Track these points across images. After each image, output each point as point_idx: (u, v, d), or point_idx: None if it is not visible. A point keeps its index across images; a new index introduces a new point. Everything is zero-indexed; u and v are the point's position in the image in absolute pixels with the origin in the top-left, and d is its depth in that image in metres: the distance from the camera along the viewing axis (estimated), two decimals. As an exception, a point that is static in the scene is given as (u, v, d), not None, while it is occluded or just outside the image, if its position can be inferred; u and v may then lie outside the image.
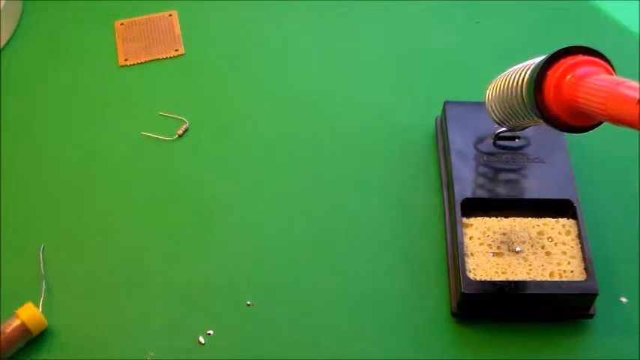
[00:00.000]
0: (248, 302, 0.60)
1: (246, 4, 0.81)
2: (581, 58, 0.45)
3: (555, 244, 0.59)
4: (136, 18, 0.80)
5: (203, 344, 0.58)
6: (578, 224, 0.60)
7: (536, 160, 0.63)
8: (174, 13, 0.80)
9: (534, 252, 0.59)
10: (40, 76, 0.74)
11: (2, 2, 0.75)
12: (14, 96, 0.73)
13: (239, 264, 0.62)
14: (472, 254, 0.58)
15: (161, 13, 0.80)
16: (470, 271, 0.57)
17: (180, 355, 0.57)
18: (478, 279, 0.57)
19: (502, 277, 0.57)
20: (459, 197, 0.61)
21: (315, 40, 0.78)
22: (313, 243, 0.63)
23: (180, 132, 0.70)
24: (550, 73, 0.46)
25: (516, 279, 0.57)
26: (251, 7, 0.80)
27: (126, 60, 0.76)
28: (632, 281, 0.61)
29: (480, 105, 0.62)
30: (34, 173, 0.68)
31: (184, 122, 0.70)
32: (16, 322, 0.56)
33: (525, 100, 0.49)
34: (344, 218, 0.65)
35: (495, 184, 0.62)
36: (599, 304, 0.58)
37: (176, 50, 0.77)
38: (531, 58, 0.50)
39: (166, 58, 0.76)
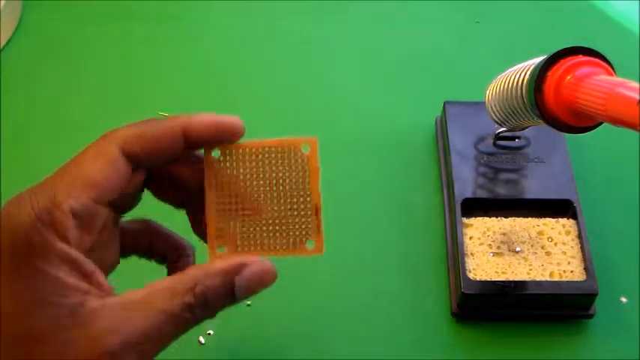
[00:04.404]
0: (248, 302, 0.60)
1: (246, 5, 0.81)
2: (581, 58, 0.45)
3: (555, 244, 0.59)
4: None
5: (203, 344, 0.58)
6: (578, 224, 0.60)
7: (536, 160, 0.63)
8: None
9: (534, 252, 0.59)
10: (40, 76, 0.74)
11: (2, 2, 0.74)
12: (14, 96, 0.73)
13: (239, 264, 0.62)
14: (472, 254, 0.58)
15: (161, 13, 0.80)
16: (470, 271, 0.57)
17: (180, 355, 0.57)
18: (478, 279, 0.57)
19: (502, 277, 0.57)
20: (459, 197, 0.61)
21: (315, 40, 0.78)
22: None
23: (180, 132, 0.70)
24: (550, 73, 0.46)
25: (516, 279, 0.57)
26: (251, 7, 0.80)
27: (126, 60, 0.76)
28: (632, 281, 0.61)
29: (480, 105, 0.62)
30: (34, 174, 0.67)
31: (184, 122, 0.70)
32: None
33: (525, 101, 0.49)
34: (343, 218, 0.64)
35: (495, 184, 0.62)
36: (599, 304, 0.57)
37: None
38: (531, 58, 0.50)
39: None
